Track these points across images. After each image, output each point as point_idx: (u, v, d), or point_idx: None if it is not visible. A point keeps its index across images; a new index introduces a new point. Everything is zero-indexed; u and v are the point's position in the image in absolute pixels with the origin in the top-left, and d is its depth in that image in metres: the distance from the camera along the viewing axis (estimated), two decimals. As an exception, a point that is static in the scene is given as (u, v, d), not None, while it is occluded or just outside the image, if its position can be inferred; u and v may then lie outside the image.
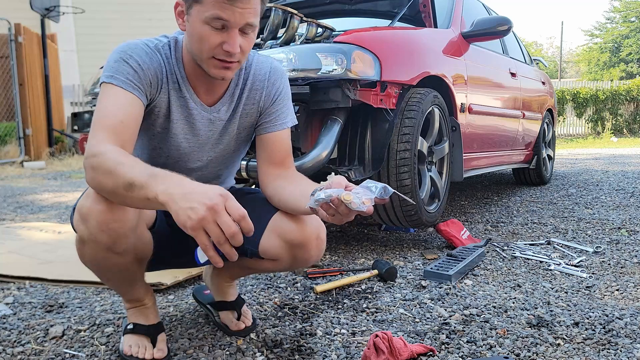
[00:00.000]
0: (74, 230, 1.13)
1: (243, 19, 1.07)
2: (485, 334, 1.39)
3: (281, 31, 2.21)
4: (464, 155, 2.70)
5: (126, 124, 1.09)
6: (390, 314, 1.56)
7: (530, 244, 2.41)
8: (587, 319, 1.48)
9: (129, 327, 1.30)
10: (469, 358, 1.26)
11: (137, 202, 0.96)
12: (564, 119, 13.39)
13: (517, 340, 1.35)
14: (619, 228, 2.71)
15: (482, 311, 1.56)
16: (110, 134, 1.05)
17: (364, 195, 0.96)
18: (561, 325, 1.44)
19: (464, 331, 1.41)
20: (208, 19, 1.06)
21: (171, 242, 1.29)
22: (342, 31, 2.28)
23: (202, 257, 0.94)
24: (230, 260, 0.92)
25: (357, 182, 2.13)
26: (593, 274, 1.95)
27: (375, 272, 1.90)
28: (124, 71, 1.11)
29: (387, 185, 0.99)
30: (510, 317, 1.51)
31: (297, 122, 1.35)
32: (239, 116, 1.28)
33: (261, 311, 1.60)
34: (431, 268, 1.91)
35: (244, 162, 1.97)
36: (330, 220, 1.01)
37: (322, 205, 0.98)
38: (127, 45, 1.15)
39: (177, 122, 1.22)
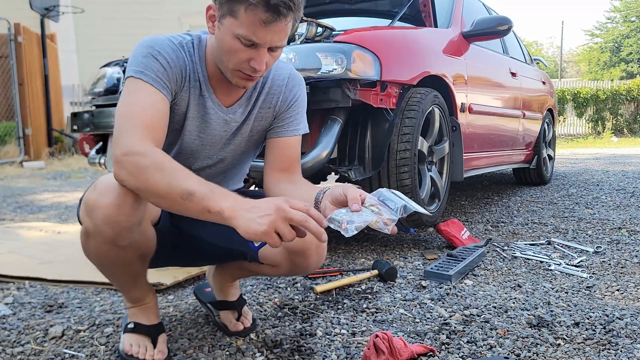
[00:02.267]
0: (80, 223, 1.13)
1: (274, 42, 1.08)
2: (486, 334, 1.39)
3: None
4: (464, 155, 2.70)
5: (159, 123, 1.09)
6: (390, 314, 1.56)
7: (530, 244, 2.40)
8: (588, 319, 1.48)
9: (129, 325, 1.29)
10: (469, 358, 1.26)
11: (192, 211, 0.97)
12: (565, 118, 13.39)
13: (517, 340, 1.35)
14: (619, 228, 2.70)
15: (483, 311, 1.56)
16: (147, 133, 1.05)
17: (386, 215, 0.97)
18: (561, 326, 1.44)
19: (464, 331, 1.41)
20: (240, 36, 1.06)
21: (173, 240, 1.30)
22: (342, 31, 2.28)
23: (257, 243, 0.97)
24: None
25: (356, 182, 2.15)
26: (593, 274, 1.94)
27: (375, 272, 1.90)
28: (153, 68, 1.11)
29: (407, 204, 0.99)
30: (511, 317, 1.51)
31: (308, 131, 1.35)
32: (254, 119, 1.29)
33: (261, 311, 1.60)
34: (431, 268, 1.91)
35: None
36: None
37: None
38: (153, 40, 1.14)
39: (193, 120, 1.22)
